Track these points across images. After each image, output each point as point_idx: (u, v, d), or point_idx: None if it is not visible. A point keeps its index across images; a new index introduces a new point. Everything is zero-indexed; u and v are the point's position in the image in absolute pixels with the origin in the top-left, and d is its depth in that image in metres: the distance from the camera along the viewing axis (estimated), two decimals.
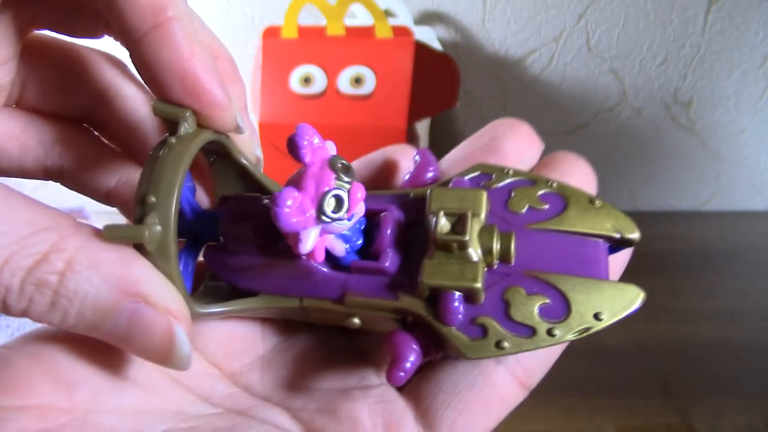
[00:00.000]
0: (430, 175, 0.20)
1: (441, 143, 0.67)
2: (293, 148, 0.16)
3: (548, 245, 0.17)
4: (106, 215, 0.64)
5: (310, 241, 0.16)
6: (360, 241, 0.18)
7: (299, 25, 0.53)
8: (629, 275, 0.19)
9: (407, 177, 0.20)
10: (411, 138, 0.53)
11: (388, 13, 0.57)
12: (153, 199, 0.16)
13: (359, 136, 0.51)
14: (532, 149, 0.21)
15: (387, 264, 0.17)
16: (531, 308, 0.16)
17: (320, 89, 0.52)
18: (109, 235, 0.15)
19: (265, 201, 0.19)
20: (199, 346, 0.20)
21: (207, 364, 0.20)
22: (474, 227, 0.17)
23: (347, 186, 0.16)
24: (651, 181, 0.69)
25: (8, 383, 0.15)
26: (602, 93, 0.66)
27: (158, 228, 0.16)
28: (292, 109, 0.52)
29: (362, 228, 0.18)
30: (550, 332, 0.16)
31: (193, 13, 0.19)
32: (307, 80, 0.52)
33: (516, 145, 0.21)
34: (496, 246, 0.17)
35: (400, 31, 0.52)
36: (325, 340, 0.20)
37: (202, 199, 0.21)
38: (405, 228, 0.18)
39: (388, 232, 0.18)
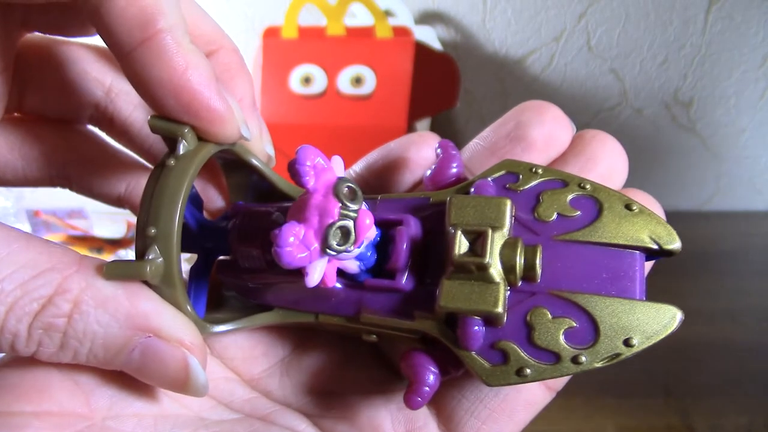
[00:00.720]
0: (453, 171, 0.18)
1: None
2: (295, 174, 0.16)
3: (578, 260, 0.16)
4: (106, 215, 0.64)
5: (317, 273, 0.16)
6: (374, 257, 0.17)
7: (299, 25, 0.53)
8: None
9: (429, 173, 0.19)
10: None
11: (388, 13, 0.57)
12: (153, 231, 0.15)
13: (359, 136, 0.51)
14: (561, 134, 0.19)
15: (402, 283, 0.17)
16: (556, 333, 0.15)
17: (320, 89, 0.52)
18: (111, 273, 0.15)
19: (275, 215, 0.18)
20: (218, 350, 0.19)
21: (226, 369, 0.19)
22: (496, 243, 0.15)
23: (353, 215, 0.16)
24: (651, 181, 0.69)
25: (26, 389, 0.15)
26: (602, 93, 0.66)
27: (160, 260, 0.15)
28: (292, 109, 0.52)
29: (376, 243, 0.18)
30: (575, 360, 0.15)
31: (194, 8, 0.18)
32: (307, 80, 0.52)
33: (543, 132, 0.19)
34: (520, 262, 0.15)
35: (400, 31, 0.52)
36: (346, 344, 0.20)
37: (216, 202, 0.21)
38: (423, 238, 0.17)
39: (404, 248, 0.17)
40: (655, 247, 0.16)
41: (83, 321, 0.14)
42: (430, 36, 0.59)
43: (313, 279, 0.16)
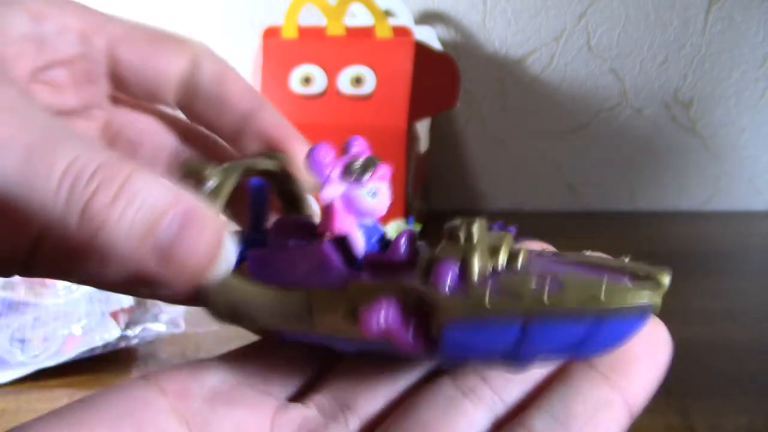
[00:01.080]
0: None
1: (441, 143, 0.67)
2: (348, 144, 0.19)
3: (564, 266, 0.16)
4: None
5: (332, 191, 0.17)
6: (378, 247, 0.19)
7: (299, 25, 0.53)
8: None
9: None
10: (411, 138, 0.53)
11: (388, 13, 0.57)
12: (222, 166, 0.19)
13: (359, 136, 0.51)
14: None
15: (400, 253, 0.17)
16: (525, 281, 0.15)
17: (320, 89, 0.52)
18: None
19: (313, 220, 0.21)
20: None
21: None
22: (484, 236, 0.16)
23: (377, 161, 0.18)
24: (651, 181, 0.69)
25: None
26: (602, 93, 0.66)
27: (213, 181, 0.18)
28: (292, 109, 0.52)
29: (381, 236, 0.19)
30: (538, 299, 0.15)
31: (232, 68, 0.22)
32: (307, 80, 0.52)
33: None
34: (504, 255, 0.16)
35: (400, 31, 0.52)
36: None
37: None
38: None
39: (403, 240, 0.18)
40: (642, 273, 0.16)
41: (138, 184, 0.15)
42: (430, 36, 0.59)
43: (327, 193, 0.17)
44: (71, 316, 0.37)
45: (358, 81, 0.52)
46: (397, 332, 0.16)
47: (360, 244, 0.18)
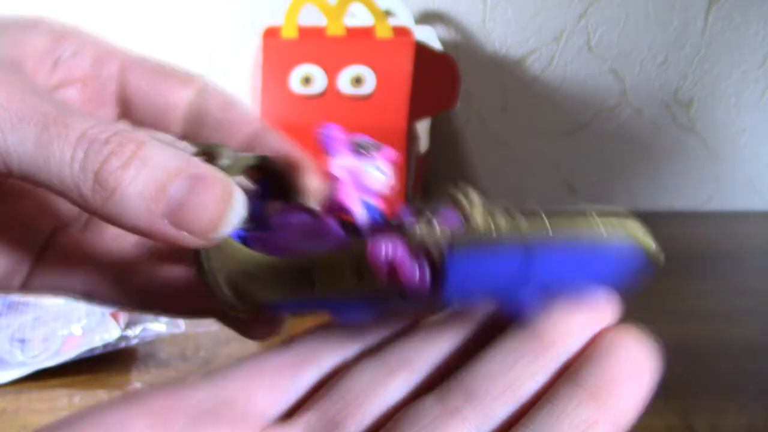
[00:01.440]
0: None
1: (441, 143, 0.67)
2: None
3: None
4: None
5: (341, 161, 0.18)
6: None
7: (299, 25, 0.53)
8: None
9: None
10: (411, 138, 0.53)
11: (388, 13, 0.57)
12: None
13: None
14: None
15: (405, 218, 0.18)
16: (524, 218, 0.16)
17: (320, 89, 0.52)
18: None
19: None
20: None
21: None
22: (481, 200, 0.17)
23: (382, 146, 0.19)
24: (651, 181, 0.69)
25: None
26: (602, 93, 0.66)
27: (230, 159, 0.19)
28: (292, 109, 0.52)
29: (380, 215, 0.19)
30: (538, 223, 0.15)
31: (227, 96, 0.23)
32: (307, 80, 0.52)
33: None
34: (500, 211, 0.17)
35: (400, 31, 0.52)
36: None
37: None
38: None
39: (408, 210, 0.18)
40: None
41: (149, 151, 0.16)
42: (430, 36, 0.59)
43: (335, 162, 0.18)
44: (71, 316, 0.37)
45: (358, 81, 0.52)
46: (402, 264, 0.16)
47: (362, 215, 0.18)
